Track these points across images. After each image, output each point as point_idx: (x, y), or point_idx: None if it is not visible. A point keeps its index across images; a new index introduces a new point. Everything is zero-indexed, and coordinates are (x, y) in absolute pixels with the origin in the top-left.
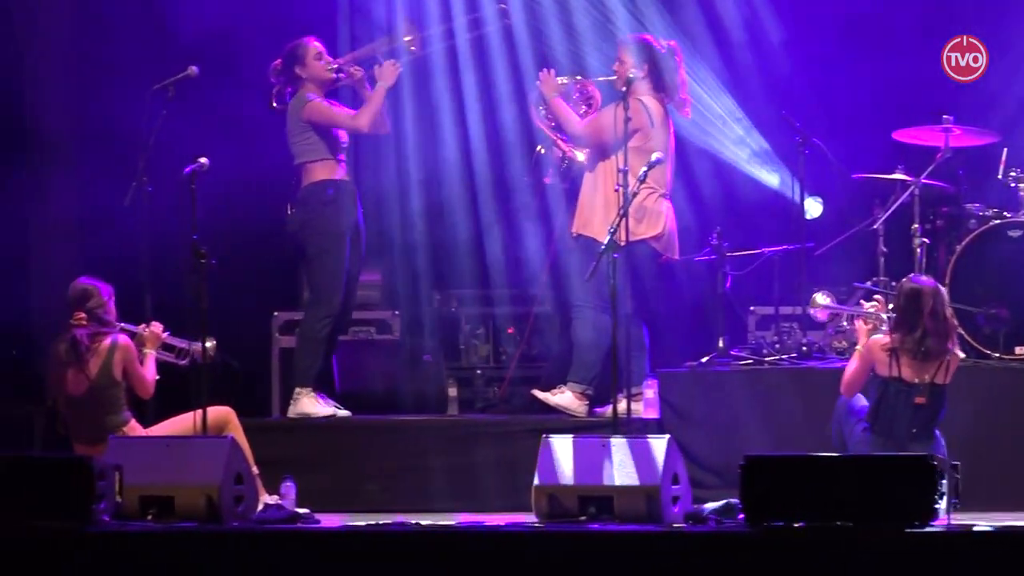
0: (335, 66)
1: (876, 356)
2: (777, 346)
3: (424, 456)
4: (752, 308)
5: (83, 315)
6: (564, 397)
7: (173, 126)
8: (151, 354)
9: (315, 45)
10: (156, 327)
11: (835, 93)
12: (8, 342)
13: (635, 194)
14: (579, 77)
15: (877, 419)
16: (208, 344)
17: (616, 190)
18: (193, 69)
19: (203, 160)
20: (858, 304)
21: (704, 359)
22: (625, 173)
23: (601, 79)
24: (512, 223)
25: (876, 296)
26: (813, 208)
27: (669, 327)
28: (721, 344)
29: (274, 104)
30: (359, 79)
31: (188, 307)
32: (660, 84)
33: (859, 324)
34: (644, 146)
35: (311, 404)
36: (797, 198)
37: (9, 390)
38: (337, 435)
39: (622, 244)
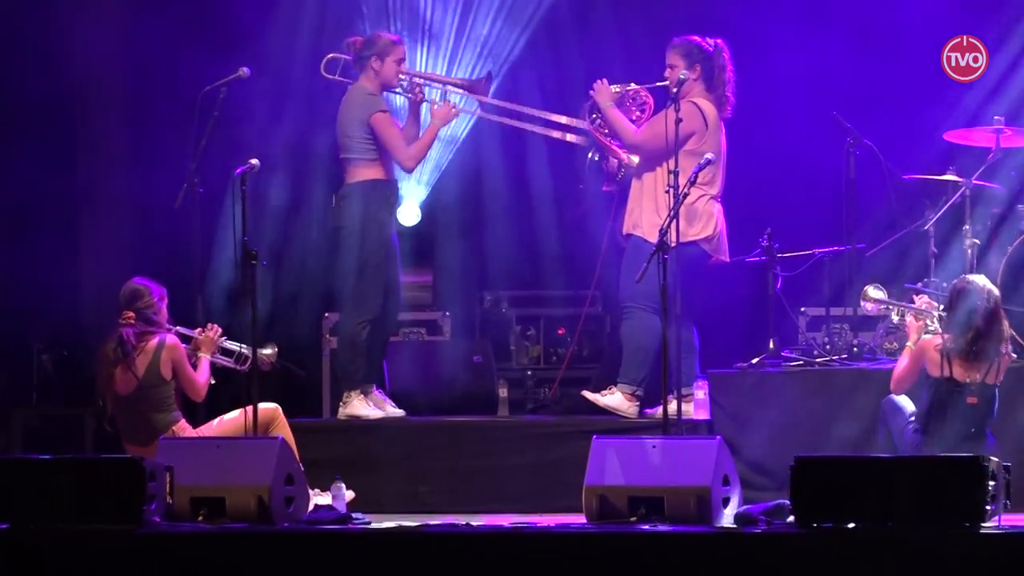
0: (406, 78)
1: (928, 356)
2: (828, 347)
3: (474, 457)
4: (803, 309)
5: (131, 314)
6: (614, 398)
7: (224, 126)
8: (206, 358)
9: (401, 49)
10: (212, 332)
11: (886, 93)
12: (59, 344)
13: (686, 195)
14: (633, 85)
15: (929, 420)
16: (269, 351)
17: (667, 191)
18: (244, 70)
19: (254, 161)
20: (909, 303)
21: (755, 360)
22: (676, 174)
23: (657, 84)
24: (563, 224)
25: (925, 296)
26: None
27: (720, 328)
28: (772, 345)
29: (325, 72)
30: (418, 102)
31: (239, 308)
32: (711, 84)
33: (910, 320)
34: (698, 149)
35: (360, 406)
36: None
37: (60, 392)
38: (388, 436)
39: (672, 245)
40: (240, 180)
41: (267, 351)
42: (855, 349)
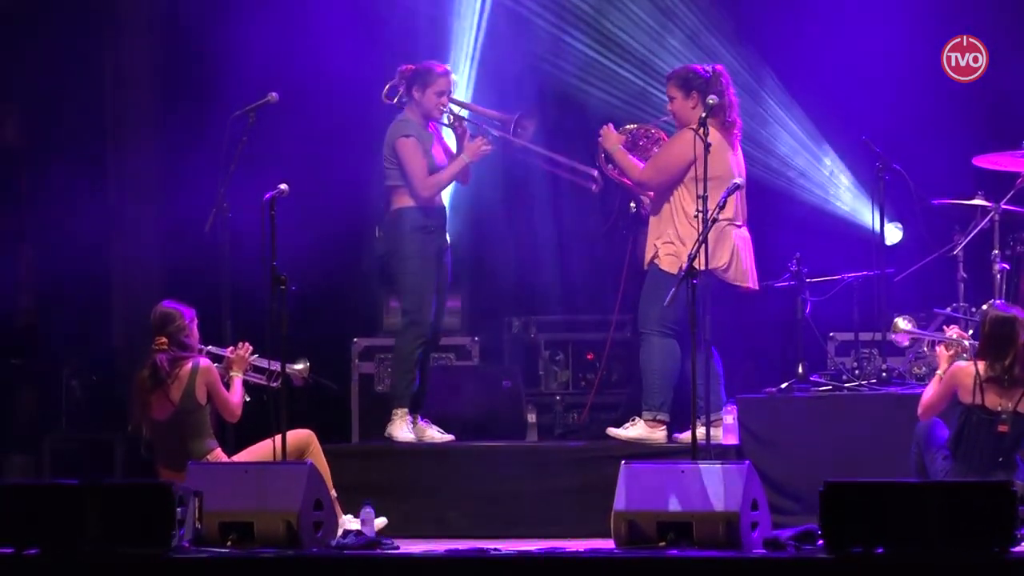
0: (448, 112)
1: (960, 382)
2: (857, 372)
3: (503, 482)
4: (832, 334)
5: (164, 339)
6: (636, 429)
7: (253, 151)
8: (238, 377)
9: (444, 81)
10: (244, 350)
11: (915, 118)
12: (88, 369)
13: (714, 221)
14: (635, 125)
15: (959, 447)
16: (301, 365)
17: (695, 216)
18: (273, 95)
19: (283, 186)
20: (939, 330)
21: (784, 385)
22: (704, 199)
23: (663, 119)
24: (593, 249)
25: (955, 327)
26: (893, 234)
27: (749, 353)
28: (801, 370)
29: (385, 98)
30: (460, 133)
31: (268, 333)
32: (712, 110)
33: (940, 350)
34: (702, 175)
35: (400, 426)
36: (877, 224)
37: (90, 417)
38: (417, 461)
39: (700, 270)
40: (269, 205)
41: (299, 366)
42: (884, 374)
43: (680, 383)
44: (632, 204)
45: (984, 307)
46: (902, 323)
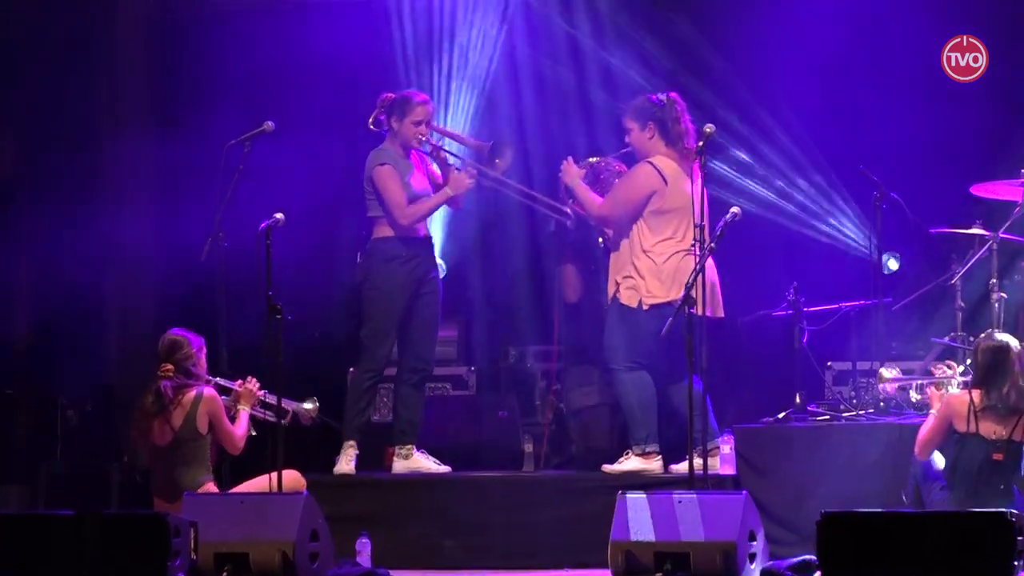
0: (426, 140)
1: (955, 411)
2: (854, 401)
3: (499, 513)
4: (829, 363)
5: (170, 367)
6: (631, 463)
7: (249, 180)
8: (245, 411)
9: (422, 110)
10: (252, 384)
11: (912, 147)
12: (84, 398)
13: (712, 250)
14: (596, 159)
15: (954, 475)
16: (310, 405)
17: (692, 245)
18: (269, 124)
19: (279, 215)
20: (930, 366)
21: (781, 414)
22: (702, 229)
23: (622, 152)
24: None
25: (947, 362)
26: (891, 263)
27: (746, 382)
28: (798, 399)
29: (372, 126)
30: (442, 163)
31: (265, 362)
32: (669, 139)
33: (931, 391)
34: (663, 207)
35: (341, 461)
36: (874, 253)
37: (86, 446)
38: (413, 492)
39: (645, 309)
40: (265, 234)
41: (308, 406)
42: (882, 404)
43: (666, 414)
44: (600, 240)
45: (980, 338)
46: (887, 372)
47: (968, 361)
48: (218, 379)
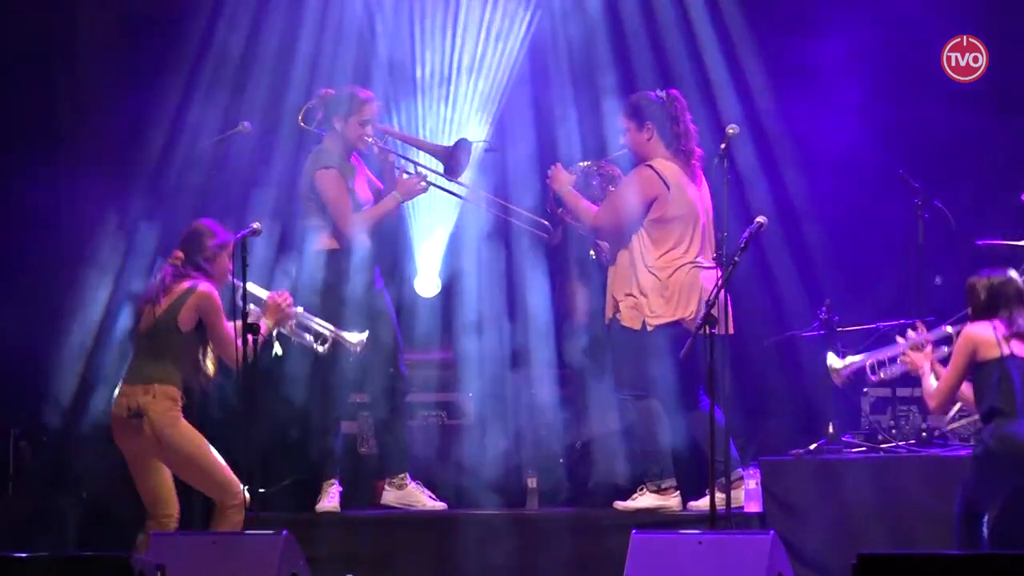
0: (372, 140)
1: (982, 340)
2: (894, 431)
3: (501, 555)
4: (866, 390)
5: (180, 255)
6: (645, 499)
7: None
8: (264, 325)
9: (369, 108)
10: (283, 298)
11: (958, 154)
12: (37, 430)
13: (735, 263)
14: (587, 163)
15: (1004, 400)
16: (356, 339)
17: (714, 257)
18: (245, 125)
19: (256, 225)
20: (894, 342)
21: (812, 446)
22: (724, 240)
23: (616, 154)
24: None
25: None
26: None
27: (774, 411)
28: (831, 429)
29: (302, 122)
30: (388, 164)
31: (241, 384)
32: (669, 140)
33: (912, 355)
34: (664, 214)
35: (330, 498)
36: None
37: (39, 481)
38: (405, 530)
39: (650, 330)
40: (241, 245)
41: (354, 339)
42: (924, 434)
43: (681, 445)
44: (592, 252)
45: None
46: (833, 360)
47: (948, 327)
48: (248, 285)
